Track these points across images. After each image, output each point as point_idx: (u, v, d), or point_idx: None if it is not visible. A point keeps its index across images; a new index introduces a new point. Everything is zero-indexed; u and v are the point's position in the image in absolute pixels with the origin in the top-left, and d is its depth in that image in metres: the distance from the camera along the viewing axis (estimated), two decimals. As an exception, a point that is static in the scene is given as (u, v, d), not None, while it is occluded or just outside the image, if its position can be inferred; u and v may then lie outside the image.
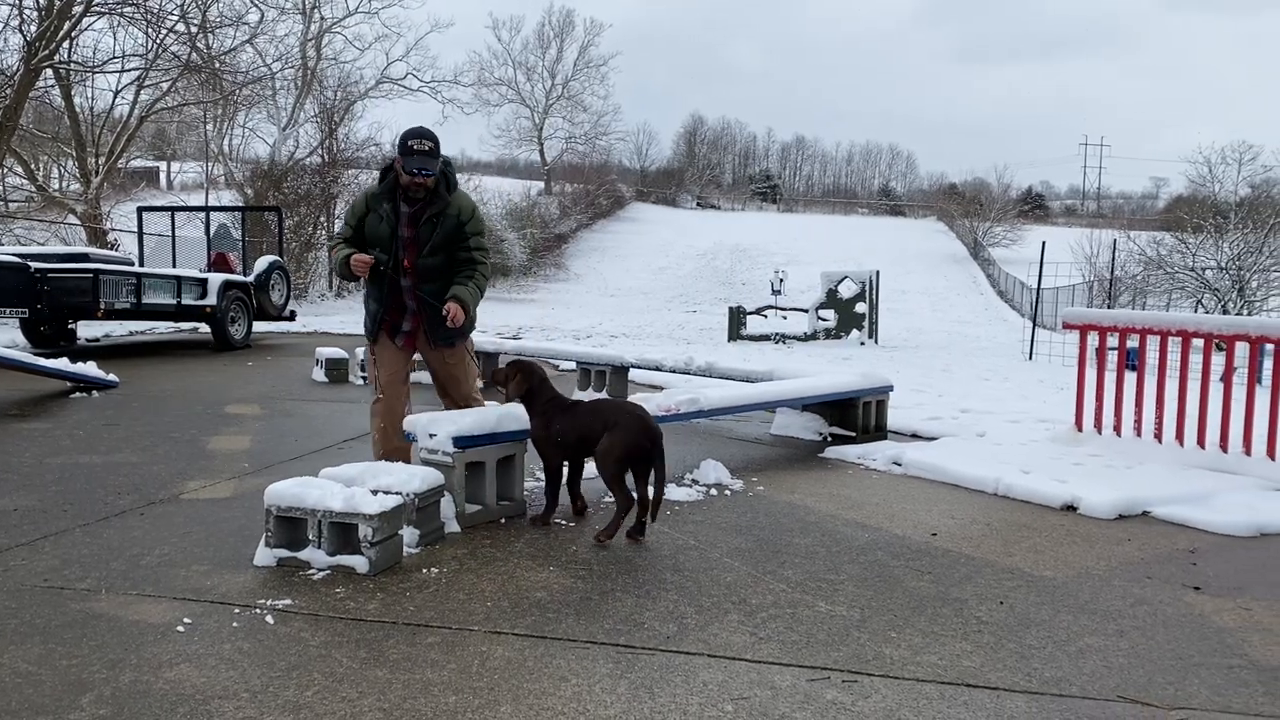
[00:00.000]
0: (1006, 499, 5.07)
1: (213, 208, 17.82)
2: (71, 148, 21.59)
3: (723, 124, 78.11)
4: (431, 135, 4.52)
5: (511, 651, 2.91)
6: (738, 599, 3.43)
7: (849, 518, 4.59)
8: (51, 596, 3.28)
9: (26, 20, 16.77)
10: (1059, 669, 2.91)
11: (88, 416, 7.03)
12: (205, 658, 2.81)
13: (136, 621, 3.07)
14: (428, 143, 4.47)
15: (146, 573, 3.54)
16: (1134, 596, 3.59)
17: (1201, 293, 20.23)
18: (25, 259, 10.90)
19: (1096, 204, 73.79)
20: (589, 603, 3.35)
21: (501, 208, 40.73)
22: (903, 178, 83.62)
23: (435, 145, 4.48)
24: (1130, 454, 5.92)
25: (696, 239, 47.68)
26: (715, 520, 4.49)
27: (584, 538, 4.14)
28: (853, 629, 3.17)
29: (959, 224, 52.50)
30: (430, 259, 4.59)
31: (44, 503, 4.51)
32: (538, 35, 62.09)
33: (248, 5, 23.80)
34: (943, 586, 3.63)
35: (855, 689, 2.73)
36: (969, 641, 3.10)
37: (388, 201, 4.59)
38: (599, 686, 2.69)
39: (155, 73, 20.80)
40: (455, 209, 4.60)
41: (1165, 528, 4.60)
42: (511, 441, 4.44)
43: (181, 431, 6.46)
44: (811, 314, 18.60)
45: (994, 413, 7.87)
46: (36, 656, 2.79)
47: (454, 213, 4.59)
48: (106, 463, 5.43)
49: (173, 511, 4.41)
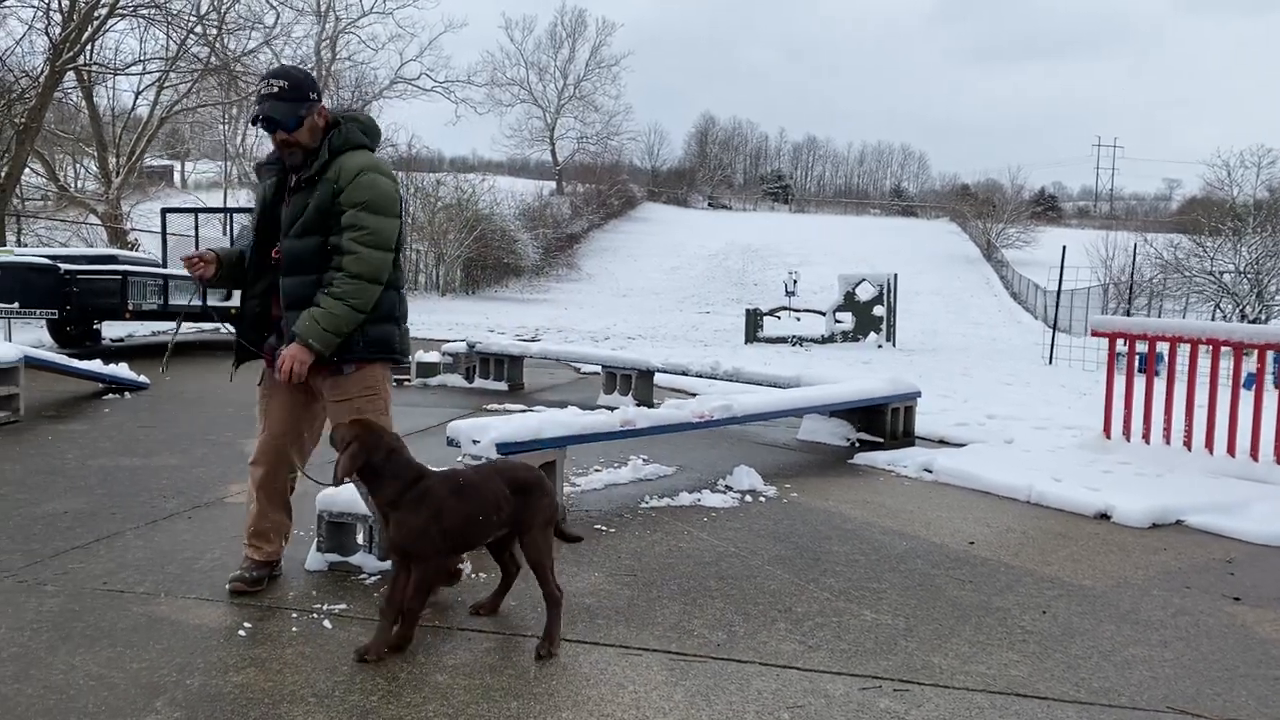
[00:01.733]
0: (1039, 507, 5.10)
1: (234, 209, 17.92)
2: (92, 148, 21.77)
3: (734, 124, 78.10)
4: (288, 73, 3.30)
5: (566, 657, 2.97)
6: (784, 607, 3.47)
7: (886, 525, 4.64)
8: (113, 600, 3.35)
9: (52, 23, 16.93)
10: (1106, 679, 2.95)
11: (123, 418, 7.13)
12: (269, 662, 2.87)
13: (199, 625, 3.13)
14: (277, 83, 3.23)
15: (201, 576, 3.60)
16: (1174, 606, 3.62)
17: (1220, 297, 20.17)
18: (54, 261, 11.02)
19: (1110, 205, 73.56)
20: (637, 609, 3.40)
21: (514, 208, 40.88)
22: (915, 178, 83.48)
23: (291, 86, 3.22)
24: (1160, 462, 5.94)
25: (708, 239, 47.71)
26: (753, 527, 4.54)
27: (625, 543, 4.20)
28: (900, 638, 3.22)
29: (972, 225, 52.41)
30: (295, 242, 3.29)
31: (92, 505, 4.59)
32: (550, 35, 62.27)
33: (265, 7, 23.95)
34: (984, 595, 3.67)
35: (908, 698, 2.78)
36: (1015, 651, 3.14)
37: (274, 173, 3.42)
38: (656, 694, 2.75)
39: (176, 74, 20.96)
40: (335, 171, 3.24)
41: (1200, 537, 4.63)
42: (554, 448, 4.49)
43: (217, 434, 6.54)
44: (829, 316, 18.62)
45: (1020, 418, 7.90)
46: (107, 659, 2.85)
47: (332, 176, 3.24)
48: (147, 465, 5.51)
49: (218, 515, 4.49)
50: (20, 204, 20.33)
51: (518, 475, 3.11)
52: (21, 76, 17.64)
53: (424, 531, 2.87)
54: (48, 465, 5.45)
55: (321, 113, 3.31)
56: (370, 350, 3.32)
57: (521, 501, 3.04)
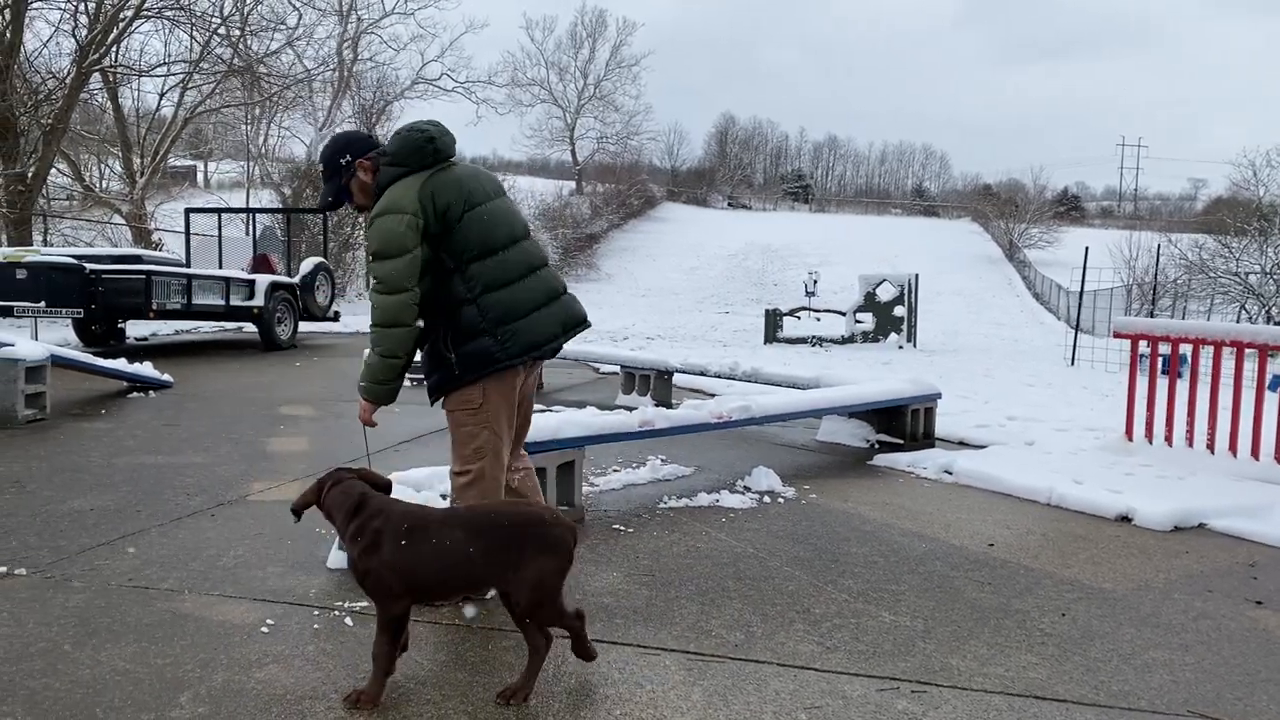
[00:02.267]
0: (1060, 509, 5.08)
1: (257, 209, 18.09)
2: (117, 148, 22.01)
3: (754, 123, 77.90)
4: (322, 154, 3.46)
5: (585, 657, 2.98)
6: (801, 608, 3.48)
7: (905, 527, 4.63)
8: (138, 596, 3.40)
9: (78, 25, 17.13)
10: (1126, 682, 2.94)
11: (147, 417, 7.21)
12: (292, 658, 2.91)
13: (222, 622, 3.17)
14: (317, 168, 3.18)
15: (225, 574, 3.65)
16: (1196, 610, 3.60)
17: (1245, 298, 19.94)
18: (80, 260, 11.16)
19: (1134, 205, 72.88)
20: (655, 609, 3.42)
21: (534, 208, 41.00)
22: (936, 178, 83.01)
23: (325, 165, 3.40)
24: (1182, 464, 5.89)
25: (728, 239, 47.64)
26: (771, 528, 4.55)
27: (643, 543, 4.21)
28: (918, 639, 3.22)
29: (994, 225, 52.04)
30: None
31: (117, 503, 4.65)
32: (570, 35, 62.33)
33: (288, 8, 24.13)
34: (1003, 598, 3.66)
35: (925, 699, 2.78)
36: (1034, 654, 3.13)
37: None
38: (674, 694, 2.76)
39: (199, 75, 21.16)
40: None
41: (1223, 540, 4.59)
42: (572, 448, 4.51)
43: (240, 433, 6.61)
44: (850, 317, 18.55)
45: (1041, 420, 7.85)
46: (132, 654, 2.90)
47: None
48: (172, 463, 5.57)
49: (242, 513, 4.54)
50: (47, 204, 20.59)
51: (519, 517, 2.74)
52: (49, 78, 17.88)
53: (370, 572, 2.61)
54: (73, 463, 5.53)
55: (363, 167, 3.33)
56: (467, 372, 3.30)
57: (510, 554, 2.62)
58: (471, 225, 3.27)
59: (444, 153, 3.30)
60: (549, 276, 3.47)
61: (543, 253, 3.53)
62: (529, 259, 3.41)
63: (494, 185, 3.47)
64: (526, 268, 3.37)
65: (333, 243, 25.00)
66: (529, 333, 3.34)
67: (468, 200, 3.27)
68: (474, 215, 3.28)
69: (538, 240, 3.57)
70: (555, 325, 3.43)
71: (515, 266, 3.35)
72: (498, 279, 3.30)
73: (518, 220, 3.48)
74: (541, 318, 3.38)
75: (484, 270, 3.28)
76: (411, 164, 3.26)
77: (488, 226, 3.31)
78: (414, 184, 3.22)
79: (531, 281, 3.38)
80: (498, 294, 3.30)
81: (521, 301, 3.34)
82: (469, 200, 3.28)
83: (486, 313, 3.28)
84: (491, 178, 3.52)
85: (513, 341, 3.30)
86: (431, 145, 3.27)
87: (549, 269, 3.50)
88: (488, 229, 3.31)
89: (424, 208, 3.18)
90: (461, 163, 3.42)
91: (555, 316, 3.43)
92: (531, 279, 3.38)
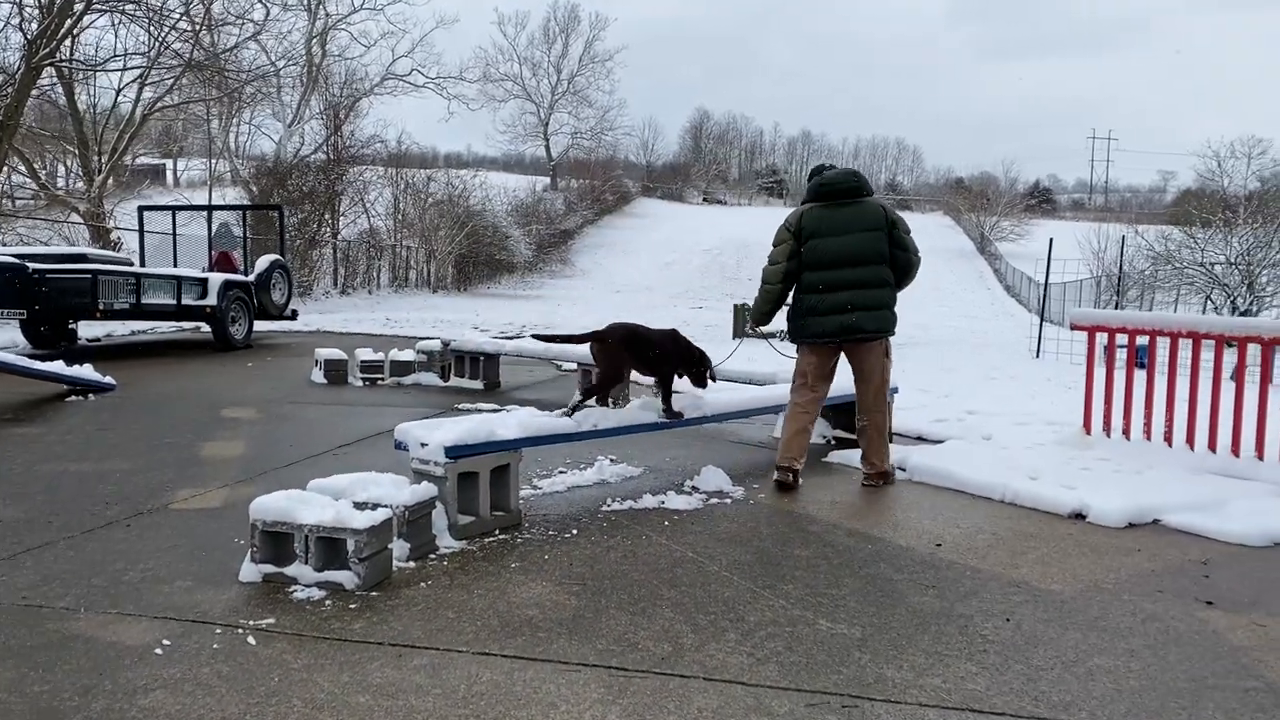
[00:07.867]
0: (1014, 506, 4.95)
1: (214, 206, 17.73)
2: (75, 146, 21.54)
3: (729, 119, 77.99)
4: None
5: (499, 675, 2.81)
6: (735, 616, 3.32)
7: (852, 527, 4.48)
8: (29, 616, 3.19)
9: (27, 18, 16.71)
10: (1067, 692, 2.80)
11: (81, 421, 6.96)
12: (182, 683, 2.71)
13: (114, 643, 2.97)
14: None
15: (128, 590, 3.45)
16: (1145, 612, 3.48)
17: (1211, 288, 20.03)
18: (23, 259, 10.82)
19: (1104, 198, 73.44)
20: (582, 621, 3.25)
21: (507, 204, 40.67)
22: (909, 172, 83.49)
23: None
24: (1140, 458, 5.79)
25: (703, 235, 47.54)
26: (715, 531, 4.39)
27: (580, 549, 4.04)
28: (853, 649, 3.07)
29: (965, 218, 52.27)
30: None
31: (29, 514, 4.42)
32: (543, 30, 62.11)
33: (252, 2, 23.74)
34: (947, 602, 3.52)
35: (855, 715, 2.63)
36: (974, 662, 2.99)
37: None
38: (589, 714, 2.59)
39: (158, 70, 20.74)
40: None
41: (1176, 537, 4.48)
42: (506, 451, 4.33)
43: (176, 436, 6.38)
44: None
45: (1001, 414, 7.75)
46: (8, 682, 2.69)
47: None
48: (97, 470, 5.34)
49: (160, 523, 4.32)
50: (8, 203, 20.13)
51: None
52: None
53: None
54: (-6, 471, 5.29)
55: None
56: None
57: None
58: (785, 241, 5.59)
59: None
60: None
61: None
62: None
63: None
64: None
65: (299, 240, 24.64)
66: (809, 326, 5.65)
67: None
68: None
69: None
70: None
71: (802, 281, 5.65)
72: (802, 285, 5.62)
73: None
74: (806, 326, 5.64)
75: (787, 280, 5.74)
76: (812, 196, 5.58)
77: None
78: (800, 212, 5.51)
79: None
80: (801, 297, 5.64)
81: (809, 305, 5.57)
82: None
83: (801, 301, 5.64)
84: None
85: (812, 326, 5.65)
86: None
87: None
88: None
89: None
90: None
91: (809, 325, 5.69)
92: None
